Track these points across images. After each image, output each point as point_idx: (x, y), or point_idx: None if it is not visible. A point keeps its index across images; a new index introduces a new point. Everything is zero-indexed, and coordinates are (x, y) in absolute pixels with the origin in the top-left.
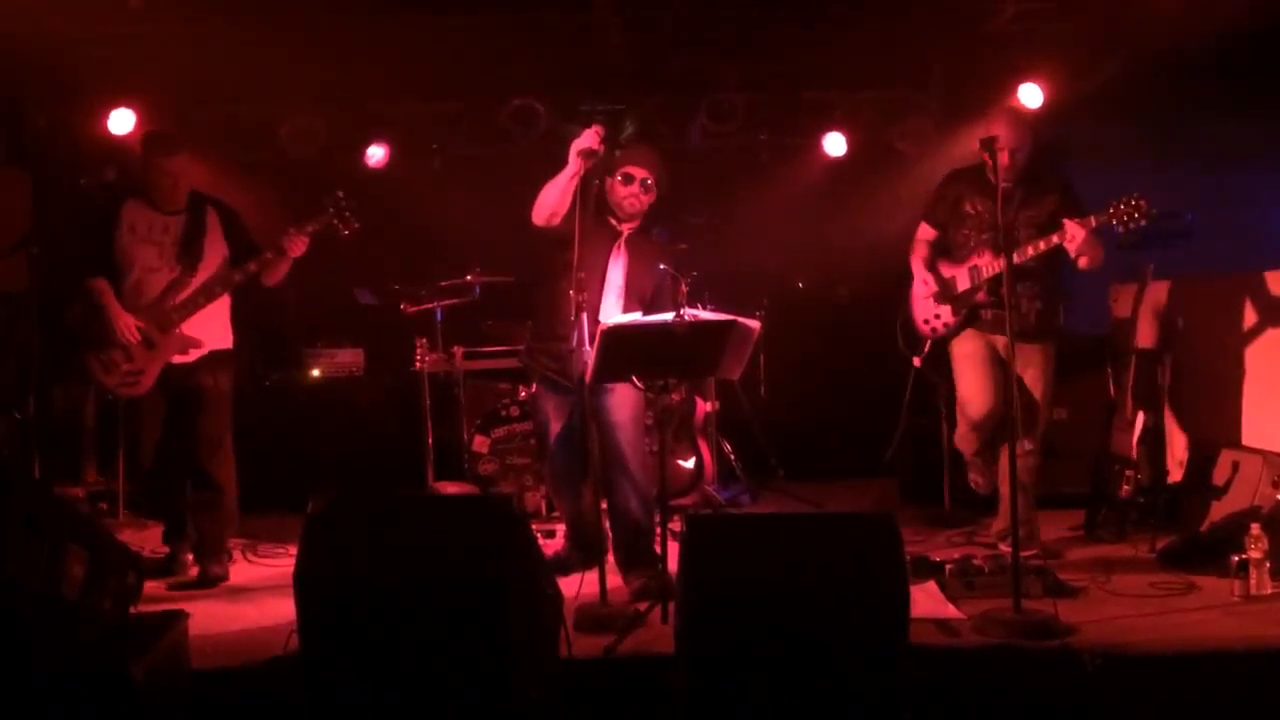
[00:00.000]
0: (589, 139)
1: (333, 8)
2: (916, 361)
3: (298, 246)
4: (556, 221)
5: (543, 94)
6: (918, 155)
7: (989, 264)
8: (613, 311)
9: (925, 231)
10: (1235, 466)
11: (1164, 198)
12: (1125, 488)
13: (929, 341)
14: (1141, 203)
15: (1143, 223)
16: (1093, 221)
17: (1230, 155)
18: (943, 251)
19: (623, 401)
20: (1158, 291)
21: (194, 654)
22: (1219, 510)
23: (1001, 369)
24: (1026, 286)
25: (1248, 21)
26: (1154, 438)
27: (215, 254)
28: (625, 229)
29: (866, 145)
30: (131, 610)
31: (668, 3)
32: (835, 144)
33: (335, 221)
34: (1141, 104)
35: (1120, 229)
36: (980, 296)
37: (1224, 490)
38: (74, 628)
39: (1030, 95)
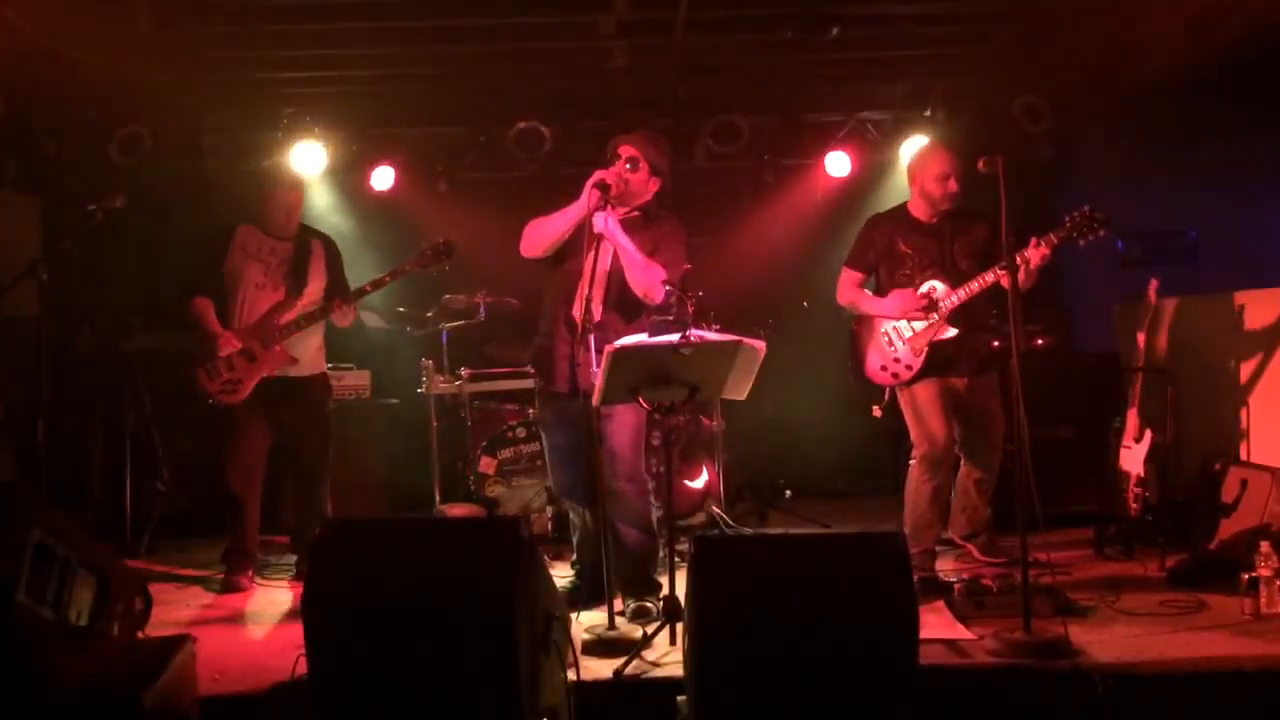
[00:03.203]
0: (609, 173)
1: (340, 34)
2: (876, 411)
3: (345, 315)
4: (539, 253)
5: (548, 118)
6: None
7: (944, 296)
8: (599, 306)
9: (854, 277)
10: (1244, 484)
11: (1168, 216)
12: (1133, 506)
13: (888, 390)
14: (1096, 213)
15: (1101, 232)
16: (1053, 238)
17: (1235, 173)
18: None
19: (622, 426)
20: (1163, 309)
21: (201, 679)
22: (1228, 528)
23: (960, 416)
24: (976, 319)
25: (1253, 39)
26: (1161, 455)
27: (317, 282)
28: (618, 213)
29: (870, 165)
30: (139, 635)
31: (672, 26)
32: (839, 164)
33: (430, 265)
34: (1146, 123)
35: (1081, 241)
36: (944, 329)
37: (1233, 507)
38: (82, 653)
39: (1031, 114)
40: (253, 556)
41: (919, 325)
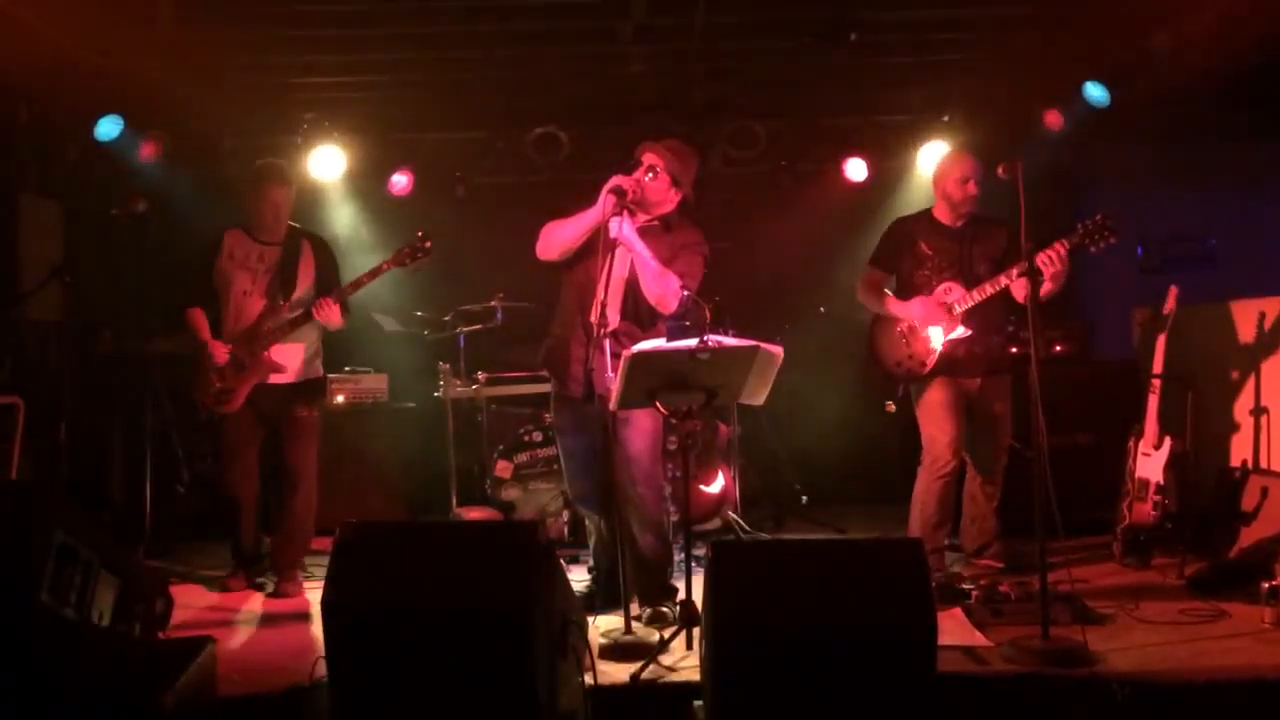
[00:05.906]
0: (626, 180)
1: (360, 39)
2: (890, 406)
3: (329, 313)
4: (555, 257)
5: (566, 123)
6: None
7: (961, 298)
8: (615, 312)
9: (877, 276)
10: (1264, 492)
11: (1188, 222)
12: (1153, 514)
13: (902, 385)
14: (1108, 220)
15: (1113, 240)
16: (1066, 244)
17: (1255, 179)
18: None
19: (639, 431)
20: (1183, 316)
21: (221, 681)
22: (1248, 536)
23: (969, 417)
24: (989, 321)
25: (1275, 45)
26: (1181, 463)
27: (306, 286)
28: (638, 220)
29: (887, 170)
30: (160, 636)
31: (689, 32)
32: (856, 169)
33: (407, 261)
34: (1166, 129)
35: (1093, 249)
36: (961, 331)
37: (1253, 516)
38: (103, 655)
39: (1051, 119)
40: (250, 561)
41: (936, 325)
